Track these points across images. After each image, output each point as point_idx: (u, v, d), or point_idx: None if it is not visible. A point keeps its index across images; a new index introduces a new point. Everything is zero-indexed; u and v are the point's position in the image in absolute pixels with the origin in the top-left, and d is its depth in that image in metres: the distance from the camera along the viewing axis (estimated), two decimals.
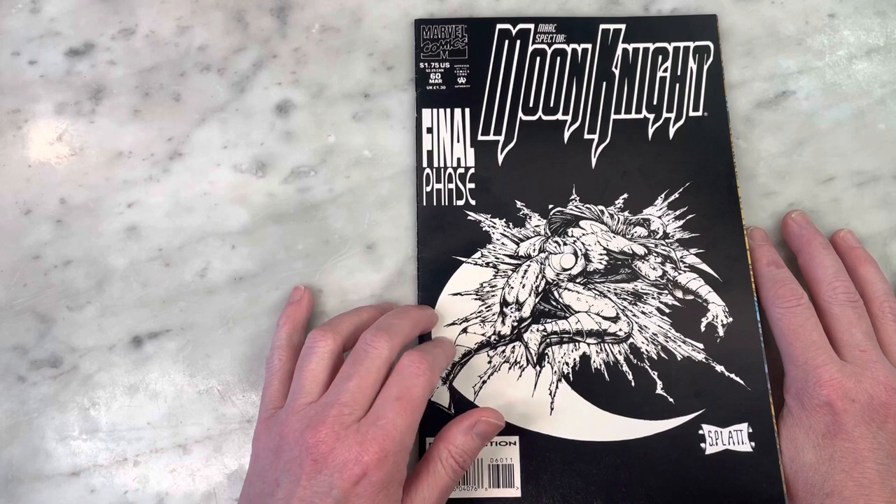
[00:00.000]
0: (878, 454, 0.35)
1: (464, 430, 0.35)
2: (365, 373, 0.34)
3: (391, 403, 0.33)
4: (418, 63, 0.45)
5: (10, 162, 0.44)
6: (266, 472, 0.34)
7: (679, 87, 0.45)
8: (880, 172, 0.44)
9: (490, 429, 0.36)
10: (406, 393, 0.34)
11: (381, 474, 0.32)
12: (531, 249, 0.42)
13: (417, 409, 0.34)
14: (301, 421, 0.33)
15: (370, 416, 0.33)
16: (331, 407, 0.33)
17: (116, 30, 0.46)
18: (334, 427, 0.33)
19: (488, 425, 0.36)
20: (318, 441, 0.32)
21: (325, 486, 0.32)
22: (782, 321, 0.39)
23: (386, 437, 0.32)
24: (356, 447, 0.32)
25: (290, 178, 0.44)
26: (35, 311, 0.42)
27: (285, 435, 0.34)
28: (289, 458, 0.33)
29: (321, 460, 0.32)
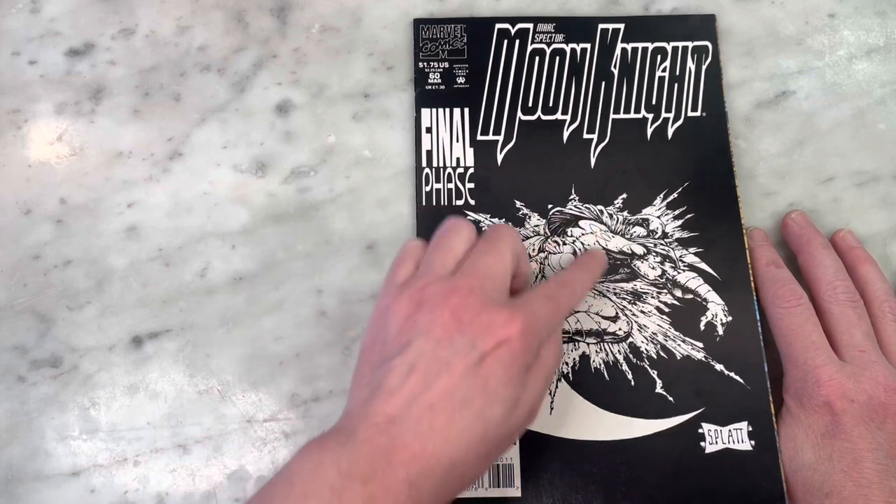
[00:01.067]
0: (877, 454, 0.36)
1: None
2: (503, 251, 0.35)
3: (541, 298, 0.34)
4: (417, 63, 0.46)
5: (10, 162, 0.45)
6: (394, 336, 0.33)
7: (678, 86, 0.45)
8: (880, 172, 0.45)
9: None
10: (555, 296, 0.35)
11: (522, 346, 0.32)
12: (530, 249, 0.42)
13: (560, 314, 0.35)
14: (442, 287, 0.33)
15: (520, 298, 0.34)
16: (473, 277, 0.33)
17: (116, 30, 0.47)
18: (480, 296, 0.33)
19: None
20: (467, 306, 0.32)
21: (467, 346, 0.31)
22: (782, 321, 0.39)
23: (533, 316, 0.33)
24: (506, 313, 0.32)
25: (290, 178, 0.45)
26: (35, 311, 0.42)
27: (423, 300, 0.33)
28: (427, 320, 0.32)
29: (467, 322, 0.32)
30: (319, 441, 0.30)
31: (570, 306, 0.37)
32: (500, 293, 0.34)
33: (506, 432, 0.32)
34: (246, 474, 0.40)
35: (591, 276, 0.39)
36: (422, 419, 0.30)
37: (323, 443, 0.30)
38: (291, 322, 0.42)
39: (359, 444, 0.29)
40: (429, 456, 0.29)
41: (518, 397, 0.32)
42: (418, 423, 0.30)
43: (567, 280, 0.37)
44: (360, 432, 0.30)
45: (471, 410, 0.30)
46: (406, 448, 0.29)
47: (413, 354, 0.31)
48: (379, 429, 0.30)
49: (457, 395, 0.30)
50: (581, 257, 0.41)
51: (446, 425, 0.30)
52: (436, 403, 0.30)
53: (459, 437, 0.30)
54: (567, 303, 0.36)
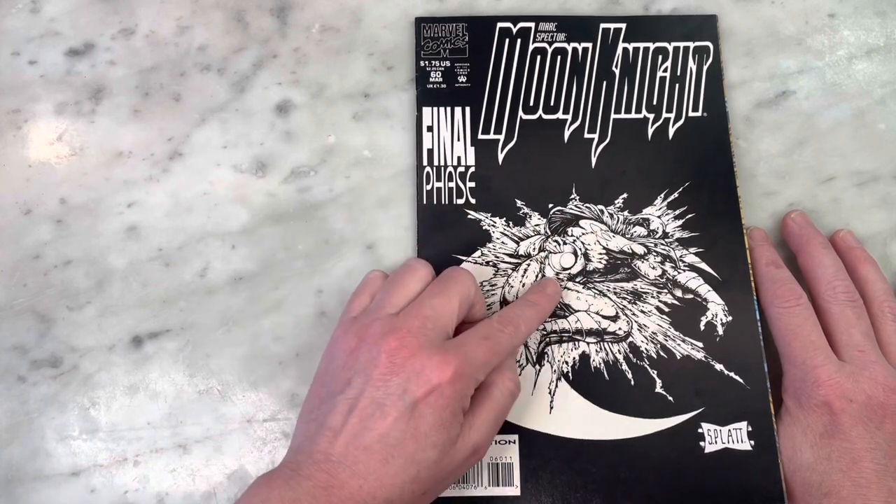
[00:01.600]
0: (876, 454, 0.36)
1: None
2: (454, 295, 0.37)
3: (477, 339, 0.36)
4: (419, 61, 0.46)
5: (10, 162, 0.45)
6: (339, 371, 0.35)
7: (679, 87, 0.46)
8: (880, 172, 0.45)
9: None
10: (493, 336, 0.36)
11: (452, 391, 0.33)
12: (531, 248, 0.43)
13: (498, 354, 0.36)
14: (384, 327, 0.35)
15: (455, 341, 0.35)
16: (415, 318, 0.35)
17: (116, 30, 0.47)
18: (417, 337, 0.34)
19: None
20: (401, 346, 0.34)
21: (399, 389, 0.33)
22: (781, 321, 0.40)
23: (465, 360, 0.34)
24: (437, 358, 0.34)
25: (290, 178, 0.45)
26: (35, 311, 0.43)
27: (365, 337, 0.35)
28: (366, 358, 0.34)
29: (399, 364, 0.34)
30: (268, 477, 0.33)
31: (512, 344, 0.37)
32: (440, 336, 0.35)
33: (443, 472, 0.34)
34: (246, 474, 0.41)
35: (540, 311, 0.40)
36: (358, 460, 0.32)
37: (271, 479, 0.33)
38: (291, 322, 0.43)
39: (302, 480, 0.32)
40: (365, 495, 0.32)
41: (452, 439, 0.34)
42: (355, 463, 0.32)
43: (510, 318, 0.38)
44: (304, 469, 0.32)
45: (403, 454, 0.32)
46: (343, 486, 0.32)
47: (353, 394, 0.34)
48: (319, 467, 0.32)
49: (390, 439, 0.32)
50: (530, 290, 0.41)
51: (380, 467, 0.32)
52: (370, 445, 0.32)
53: (393, 479, 0.32)
54: (507, 342, 0.37)
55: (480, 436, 0.35)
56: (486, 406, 0.36)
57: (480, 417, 0.35)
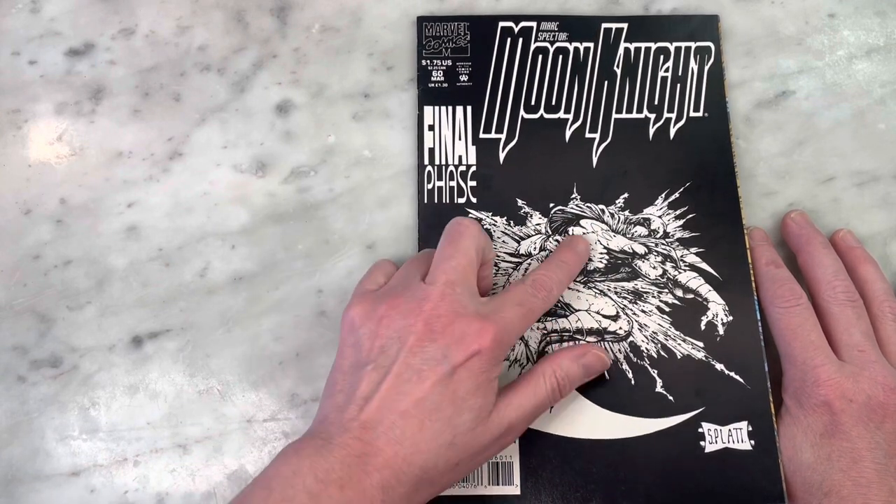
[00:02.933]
0: (876, 454, 0.37)
1: (572, 358, 0.38)
2: (468, 250, 0.37)
3: (513, 306, 0.36)
4: (420, 60, 0.47)
5: (10, 162, 0.46)
6: (365, 341, 0.35)
7: (680, 87, 0.47)
8: (880, 172, 0.46)
9: (597, 363, 0.39)
10: (527, 301, 0.37)
11: (491, 356, 0.34)
12: (532, 248, 0.43)
13: (532, 319, 0.37)
14: (416, 294, 0.35)
15: (491, 306, 0.36)
16: (442, 285, 0.35)
17: (116, 30, 0.48)
18: (451, 303, 0.35)
19: (596, 358, 0.39)
20: (439, 314, 0.34)
21: (438, 355, 0.34)
22: (781, 321, 0.40)
23: (503, 327, 0.35)
24: (477, 324, 0.34)
25: (290, 178, 0.46)
26: (35, 311, 0.44)
27: (397, 305, 0.35)
28: (400, 325, 0.35)
29: (438, 331, 0.34)
30: (296, 447, 0.33)
31: (545, 308, 0.38)
32: (471, 295, 0.36)
33: (477, 443, 0.34)
34: (246, 474, 0.41)
35: (570, 271, 0.41)
36: (394, 426, 0.32)
37: (300, 448, 0.32)
38: (291, 322, 0.43)
39: (334, 449, 0.32)
40: (400, 461, 0.32)
41: (488, 406, 0.35)
42: (391, 429, 0.32)
43: (543, 282, 0.38)
44: (336, 438, 0.32)
45: (440, 418, 0.33)
46: (379, 453, 0.32)
47: (386, 362, 0.34)
48: (353, 435, 0.32)
49: (427, 404, 0.33)
50: (559, 248, 0.42)
51: (417, 432, 0.32)
52: (407, 411, 0.33)
53: (430, 443, 0.32)
54: (541, 306, 0.38)
55: (516, 416, 0.36)
56: (527, 390, 0.36)
57: (518, 400, 0.36)
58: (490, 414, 0.35)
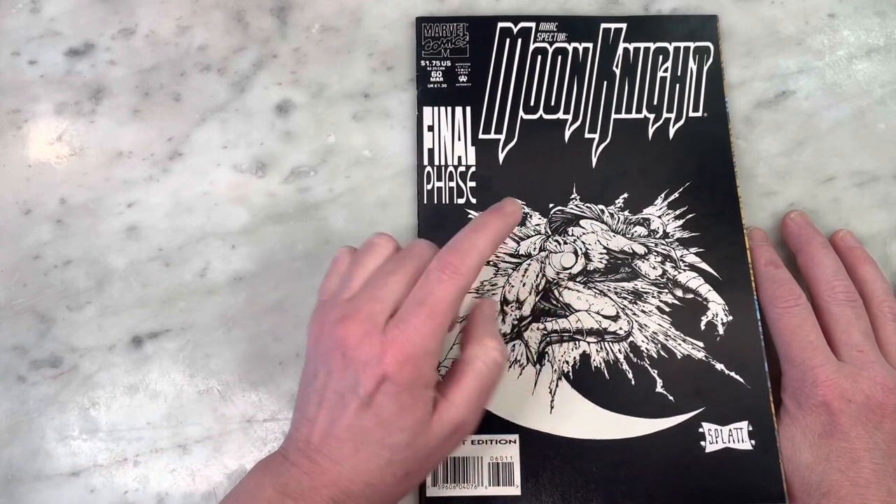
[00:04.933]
0: (875, 454, 0.37)
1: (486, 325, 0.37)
2: (409, 270, 0.36)
3: (414, 308, 0.34)
4: (419, 61, 0.47)
5: (10, 162, 0.46)
6: (309, 361, 0.36)
7: (679, 87, 0.47)
8: (880, 172, 0.47)
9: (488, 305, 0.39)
10: (429, 297, 0.34)
11: (402, 377, 0.33)
12: (532, 248, 0.44)
13: (442, 314, 0.34)
14: (338, 314, 0.35)
15: (395, 319, 0.34)
16: (365, 303, 0.35)
17: (116, 30, 0.49)
18: (364, 323, 0.34)
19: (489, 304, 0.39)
20: (347, 335, 0.34)
21: (352, 382, 0.34)
22: (780, 321, 0.41)
23: (407, 341, 0.33)
24: (378, 348, 0.33)
25: (290, 178, 0.46)
26: (35, 311, 0.44)
27: (324, 326, 0.35)
28: (325, 349, 0.35)
29: (349, 355, 0.34)
30: (265, 461, 0.35)
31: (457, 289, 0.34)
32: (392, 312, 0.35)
33: (421, 452, 0.34)
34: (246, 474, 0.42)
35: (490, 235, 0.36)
36: (333, 448, 0.34)
37: (267, 464, 0.35)
38: (291, 322, 0.44)
39: (289, 465, 0.34)
40: (345, 480, 0.33)
41: (422, 419, 0.34)
42: (331, 451, 0.34)
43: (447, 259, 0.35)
44: (291, 455, 0.34)
45: (372, 440, 0.33)
46: (325, 472, 0.33)
47: (319, 385, 0.35)
48: (302, 454, 0.34)
49: (356, 429, 0.34)
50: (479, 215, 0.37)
51: (353, 454, 0.33)
52: (340, 435, 0.34)
53: (368, 464, 0.33)
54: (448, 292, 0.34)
55: (461, 412, 0.35)
56: (466, 381, 0.35)
57: (460, 394, 0.35)
58: (429, 423, 0.34)
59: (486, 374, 0.35)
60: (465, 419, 0.35)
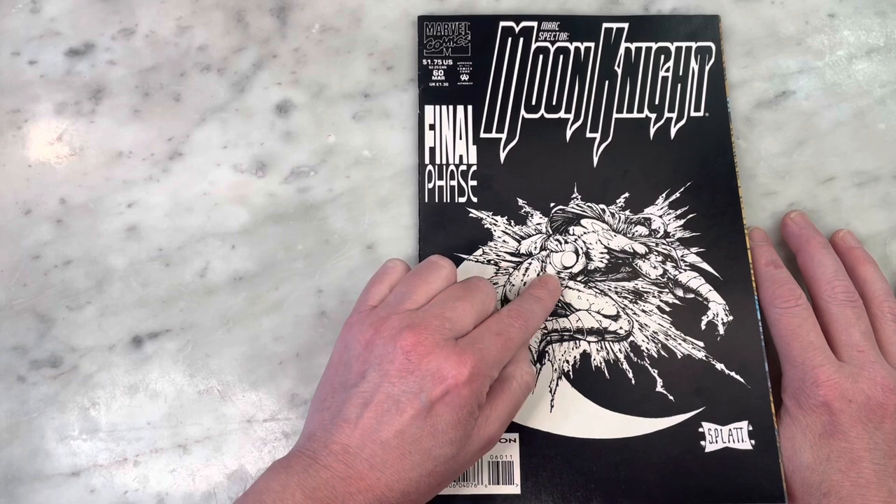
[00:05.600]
0: (875, 454, 0.38)
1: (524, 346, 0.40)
2: (476, 301, 0.38)
3: (491, 335, 0.37)
4: (421, 60, 0.48)
5: (10, 162, 0.47)
6: (353, 362, 0.36)
7: (681, 87, 0.47)
8: (880, 172, 0.47)
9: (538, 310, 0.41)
10: (505, 331, 0.37)
11: (469, 391, 0.35)
12: (532, 247, 0.44)
13: (511, 349, 0.37)
14: (402, 322, 0.36)
15: (469, 338, 0.36)
16: (434, 318, 0.36)
17: (116, 30, 0.49)
18: (434, 336, 0.35)
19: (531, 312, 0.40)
20: (417, 343, 0.35)
21: (415, 388, 0.34)
22: (780, 321, 0.41)
23: (481, 359, 0.35)
24: (454, 358, 0.35)
25: (290, 178, 0.46)
26: (35, 311, 0.44)
27: (382, 331, 0.36)
28: (381, 353, 0.35)
29: (415, 362, 0.35)
30: (285, 462, 0.34)
31: (523, 339, 0.38)
32: (458, 334, 0.37)
33: (457, 465, 0.36)
34: (246, 474, 0.42)
35: (544, 306, 0.41)
36: (375, 453, 0.34)
37: (288, 465, 0.34)
38: (291, 322, 0.44)
39: (320, 469, 0.33)
40: (382, 486, 0.33)
41: (468, 434, 0.35)
42: (372, 456, 0.34)
43: (520, 312, 0.39)
44: (321, 458, 0.34)
45: (420, 449, 0.34)
46: (362, 478, 0.33)
47: (369, 388, 0.35)
48: (337, 458, 0.34)
49: (406, 435, 0.34)
50: (532, 285, 0.42)
51: (397, 461, 0.34)
52: (388, 440, 0.34)
53: (410, 472, 0.34)
54: (519, 336, 0.38)
55: (495, 428, 0.36)
56: (502, 399, 0.37)
57: (496, 411, 0.36)
58: (472, 438, 0.35)
59: (518, 394, 0.38)
60: (496, 434, 0.37)
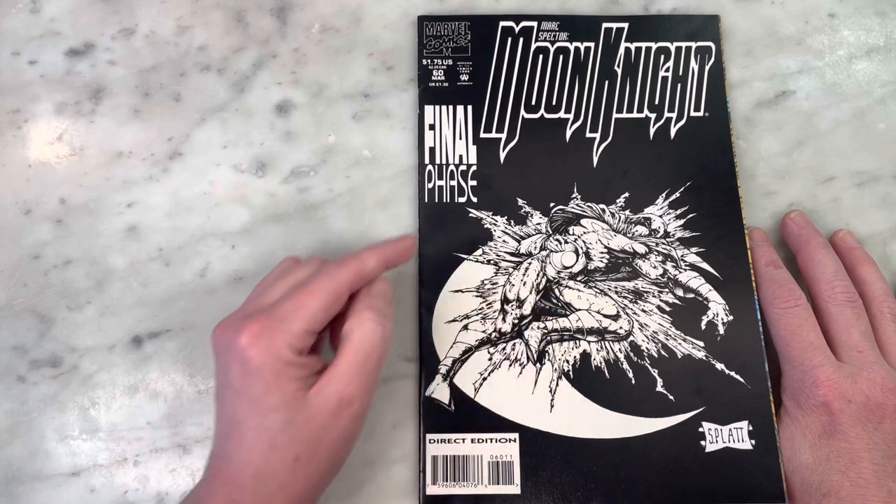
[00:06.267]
0: (875, 454, 0.38)
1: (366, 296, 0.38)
2: (292, 279, 0.38)
3: (285, 293, 0.36)
4: (421, 60, 0.48)
5: (10, 162, 0.47)
6: None
7: (681, 87, 0.48)
8: (880, 172, 0.47)
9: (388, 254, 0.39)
10: (302, 282, 0.37)
11: (258, 351, 0.34)
12: (532, 247, 0.45)
13: (313, 297, 0.36)
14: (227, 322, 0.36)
15: (259, 303, 0.37)
16: (247, 305, 0.37)
17: (116, 30, 0.49)
18: (233, 320, 0.36)
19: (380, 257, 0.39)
20: (221, 334, 0.35)
21: (223, 371, 0.35)
22: (780, 321, 0.41)
23: (268, 317, 0.35)
24: (237, 326, 0.35)
25: (290, 178, 0.47)
26: (35, 311, 0.44)
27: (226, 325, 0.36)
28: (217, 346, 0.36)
29: (219, 348, 0.36)
30: None
31: (340, 279, 0.36)
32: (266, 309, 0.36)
33: (307, 432, 0.34)
34: None
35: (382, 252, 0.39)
36: (219, 445, 0.36)
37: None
38: None
39: (203, 474, 0.36)
40: (235, 474, 0.34)
41: (294, 396, 0.34)
42: (219, 448, 0.35)
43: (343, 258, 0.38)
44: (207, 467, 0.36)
45: (250, 427, 0.34)
46: (219, 472, 0.35)
47: (216, 391, 0.37)
48: (208, 462, 0.36)
49: (234, 420, 0.35)
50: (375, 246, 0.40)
51: (236, 447, 0.34)
52: (225, 431, 0.35)
53: (251, 453, 0.34)
54: (321, 284, 0.36)
55: (341, 385, 0.35)
56: (343, 355, 0.36)
57: (339, 368, 0.35)
58: (305, 400, 0.34)
59: (364, 346, 0.36)
60: (347, 393, 0.35)
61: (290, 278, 0.38)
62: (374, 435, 0.43)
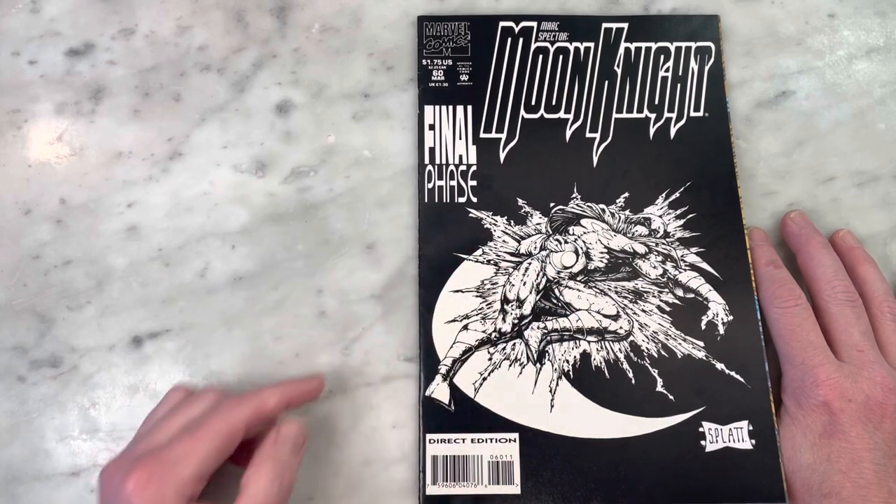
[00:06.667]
0: (875, 454, 0.38)
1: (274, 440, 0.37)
2: (182, 414, 0.37)
3: (177, 436, 0.35)
4: (421, 60, 0.48)
5: (10, 162, 0.47)
6: None
7: (680, 87, 0.48)
8: (880, 172, 0.47)
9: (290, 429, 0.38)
10: (195, 424, 0.36)
11: (143, 498, 0.33)
12: (532, 247, 0.45)
13: (206, 438, 0.35)
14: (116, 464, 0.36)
15: (152, 446, 0.35)
16: (137, 444, 0.36)
17: (116, 30, 0.49)
18: (120, 462, 0.35)
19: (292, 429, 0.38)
20: (108, 478, 0.35)
21: None
22: (780, 321, 0.42)
23: (156, 461, 0.34)
24: (125, 470, 0.34)
25: (290, 178, 0.47)
26: (35, 311, 0.45)
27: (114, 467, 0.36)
28: None
29: (107, 494, 0.35)
30: None
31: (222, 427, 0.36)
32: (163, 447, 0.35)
33: None
34: None
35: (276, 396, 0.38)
36: None
37: None
38: (291, 322, 0.45)
39: None
40: None
41: None
42: None
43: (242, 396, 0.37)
44: None
45: None
46: None
47: None
48: None
49: None
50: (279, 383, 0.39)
51: None
52: None
53: None
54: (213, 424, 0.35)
55: None
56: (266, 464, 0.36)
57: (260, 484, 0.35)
58: None
59: (257, 501, 0.35)
60: None
61: (181, 415, 0.37)
62: (374, 435, 0.43)
